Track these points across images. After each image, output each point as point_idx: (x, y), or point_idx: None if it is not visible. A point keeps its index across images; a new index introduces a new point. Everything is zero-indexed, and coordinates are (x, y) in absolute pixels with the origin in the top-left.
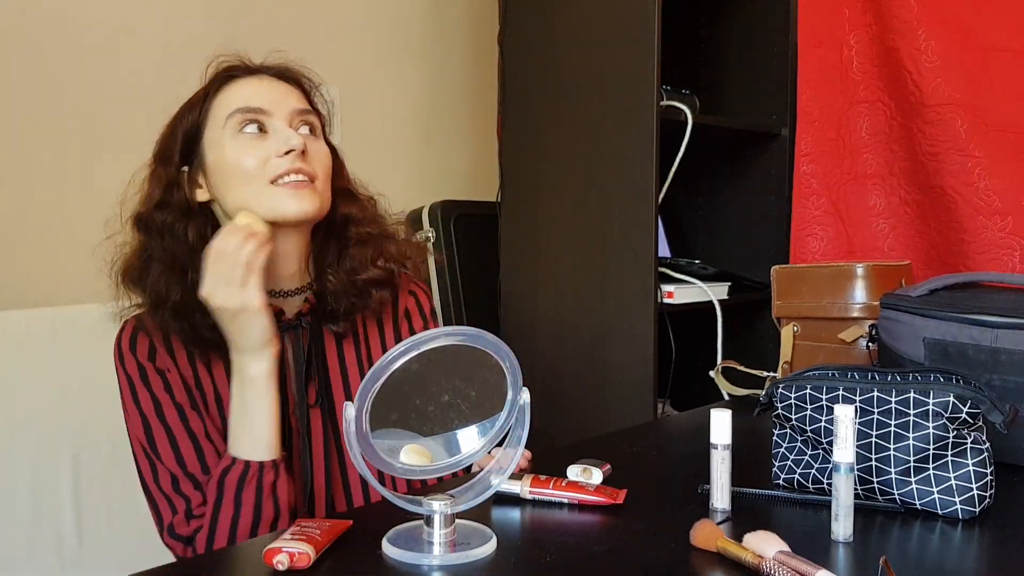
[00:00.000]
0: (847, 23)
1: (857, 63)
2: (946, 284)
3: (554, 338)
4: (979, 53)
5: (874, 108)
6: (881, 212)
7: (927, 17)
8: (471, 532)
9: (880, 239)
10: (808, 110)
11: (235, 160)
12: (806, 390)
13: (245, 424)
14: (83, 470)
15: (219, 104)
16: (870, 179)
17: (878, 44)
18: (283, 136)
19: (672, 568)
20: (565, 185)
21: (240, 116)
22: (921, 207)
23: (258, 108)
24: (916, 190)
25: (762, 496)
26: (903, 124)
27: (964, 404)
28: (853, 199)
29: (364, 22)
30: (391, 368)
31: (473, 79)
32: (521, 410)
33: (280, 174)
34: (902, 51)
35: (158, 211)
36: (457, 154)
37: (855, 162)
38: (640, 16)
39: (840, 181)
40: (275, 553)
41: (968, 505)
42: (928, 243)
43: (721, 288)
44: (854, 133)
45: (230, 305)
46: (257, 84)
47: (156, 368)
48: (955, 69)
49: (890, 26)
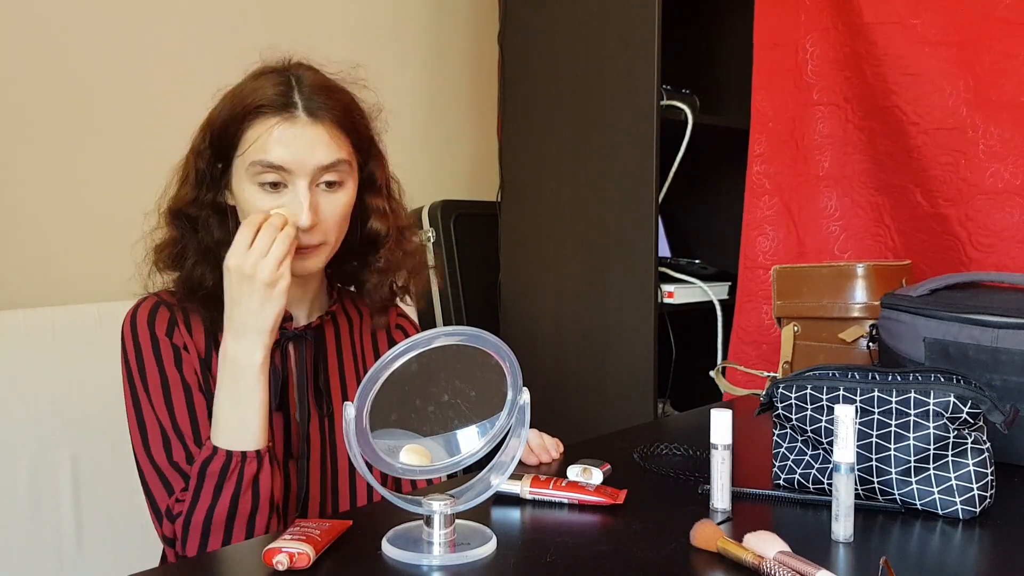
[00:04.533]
0: (803, 27)
1: (812, 66)
2: (947, 284)
3: (554, 338)
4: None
5: (828, 111)
6: (833, 214)
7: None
8: (471, 532)
9: (831, 241)
10: (761, 110)
11: (248, 209)
12: (806, 390)
13: (234, 412)
14: (83, 470)
15: (246, 140)
16: (823, 181)
17: (836, 48)
18: (298, 203)
19: (672, 568)
20: (565, 185)
21: (260, 169)
22: (878, 209)
23: (279, 166)
24: (874, 191)
25: (762, 496)
26: (861, 126)
27: (965, 404)
28: (805, 201)
29: (364, 22)
30: (391, 368)
31: (473, 79)
32: (521, 410)
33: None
34: (860, 52)
35: (192, 206)
36: (457, 154)
37: (808, 164)
38: (640, 16)
39: (793, 182)
40: (275, 553)
41: (969, 505)
42: (883, 245)
43: (721, 288)
44: (807, 135)
45: (264, 276)
46: (286, 132)
47: (172, 343)
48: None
49: (850, 30)
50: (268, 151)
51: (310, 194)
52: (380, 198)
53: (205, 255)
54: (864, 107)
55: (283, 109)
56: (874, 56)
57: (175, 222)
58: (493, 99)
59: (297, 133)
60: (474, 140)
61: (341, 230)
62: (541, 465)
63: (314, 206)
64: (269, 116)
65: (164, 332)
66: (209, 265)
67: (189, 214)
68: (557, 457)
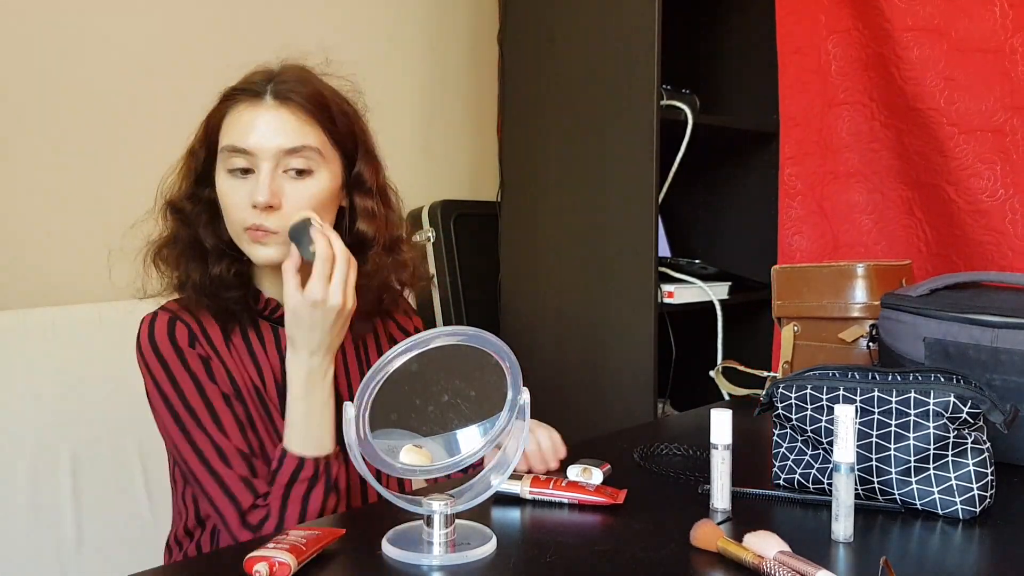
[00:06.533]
0: (824, 29)
1: (836, 67)
2: (946, 284)
3: (554, 338)
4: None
5: (854, 109)
6: (864, 208)
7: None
8: (471, 532)
9: (864, 235)
10: (790, 114)
11: (223, 196)
12: (806, 390)
13: (313, 421)
14: (83, 470)
15: (224, 129)
16: (853, 177)
17: (859, 48)
18: (259, 186)
19: (672, 568)
20: (565, 185)
21: (227, 154)
22: (908, 203)
23: (243, 149)
24: (903, 186)
25: (762, 496)
26: (887, 124)
27: (965, 404)
28: (837, 197)
29: (364, 22)
30: (391, 368)
31: (473, 79)
32: (521, 410)
33: (246, 227)
34: (886, 55)
35: (188, 202)
36: (457, 154)
37: (836, 162)
38: (640, 16)
39: (823, 180)
40: (255, 562)
41: (968, 505)
42: (916, 237)
43: (721, 288)
44: (835, 134)
45: (351, 305)
46: (255, 116)
47: (198, 355)
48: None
49: (873, 32)
50: (234, 135)
51: (272, 177)
52: (370, 200)
53: (198, 251)
54: (889, 106)
55: (254, 95)
56: (907, 60)
57: (172, 216)
58: (493, 99)
59: (261, 115)
60: (474, 140)
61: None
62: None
63: (274, 188)
64: (241, 102)
65: (187, 344)
66: (200, 261)
67: (184, 209)
68: (555, 467)
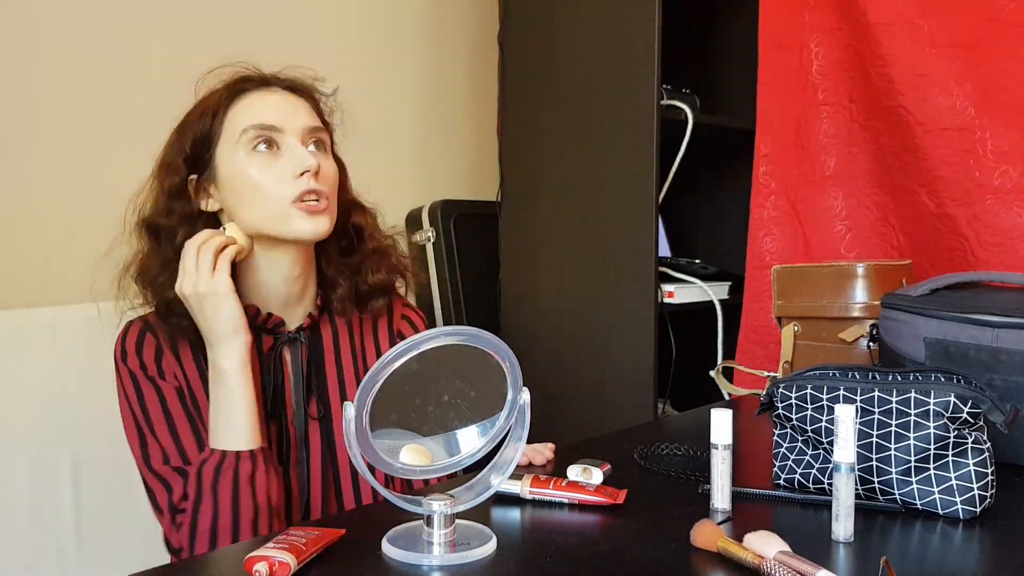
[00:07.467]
0: (808, 27)
1: (817, 66)
2: (947, 284)
3: (554, 338)
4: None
5: (834, 111)
6: (839, 214)
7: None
8: (471, 532)
9: (837, 240)
10: (767, 111)
11: (251, 178)
12: (807, 390)
13: (219, 415)
14: (83, 470)
15: (232, 117)
16: (828, 181)
17: (842, 48)
18: (298, 156)
19: (672, 568)
20: (565, 185)
21: (254, 133)
22: (883, 209)
23: (271, 126)
24: (880, 192)
25: (762, 496)
26: (866, 125)
27: (965, 404)
28: (811, 200)
29: (364, 21)
30: (391, 368)
31: (473, 79)
32: (521, 410)
33: (297, 196)
34: (865, 55)
35: (164, 217)
36: (457, 154)
37: (813, 164)
38: (640, 16)
39: (798, 182)
40: (255, 561)
41: (969, 505)
42: (889, 245)
43: (721, 288)
44: (813, 136)
45: (200, 290)
46: (269, 98)
47: (160, 370)
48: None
49: (855, 31)
50: (260, 115)
51: (304, 147)
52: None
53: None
54: (869, 107)
55: (263, 85)
56: (879, 56)
57: (148, 233)
58: (493, 99)
59: (281, 100)
60: (474, 140)
61: (334, 197)
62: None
63: (312, 157)
64: (251, 91)
65: (152, 359)
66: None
67: (160, 224)
68: (551, 457)
